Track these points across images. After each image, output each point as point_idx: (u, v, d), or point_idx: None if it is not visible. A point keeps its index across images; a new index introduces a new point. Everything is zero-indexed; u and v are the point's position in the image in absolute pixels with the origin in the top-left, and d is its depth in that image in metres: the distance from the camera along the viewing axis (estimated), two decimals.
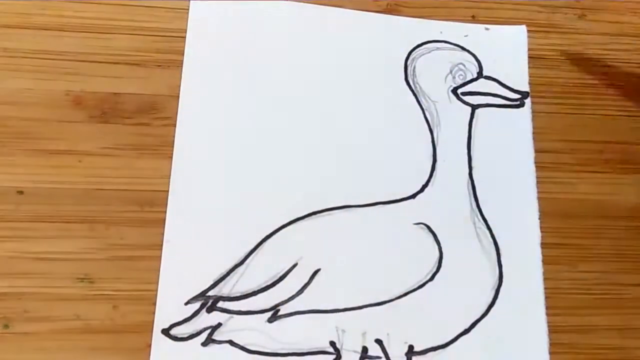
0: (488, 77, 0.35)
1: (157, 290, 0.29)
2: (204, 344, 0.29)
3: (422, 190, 0.32)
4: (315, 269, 0.30)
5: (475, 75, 0.35)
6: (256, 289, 0.30)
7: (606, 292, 0.32)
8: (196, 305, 0.29)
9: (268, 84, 0.33)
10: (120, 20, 0.34)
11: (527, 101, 0.35)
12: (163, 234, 0.30)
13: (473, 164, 0.33)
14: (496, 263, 0.31)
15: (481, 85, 0.35)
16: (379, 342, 0.29)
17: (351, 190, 0.32)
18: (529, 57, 0.35)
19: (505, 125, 0.34)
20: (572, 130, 0.33)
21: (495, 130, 0.34)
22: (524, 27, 0.36)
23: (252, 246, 0.30)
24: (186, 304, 0.29)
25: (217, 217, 0.31)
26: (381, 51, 0.35)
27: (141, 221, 0.30)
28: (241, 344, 0.29)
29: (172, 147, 0.31)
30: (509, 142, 0.34)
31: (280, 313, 0.29)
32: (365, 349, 0.29)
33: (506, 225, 0.32)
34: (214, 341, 0.29)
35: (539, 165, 0.33)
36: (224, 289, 0.30)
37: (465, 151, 0.33)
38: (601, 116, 0.34)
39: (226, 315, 0.29)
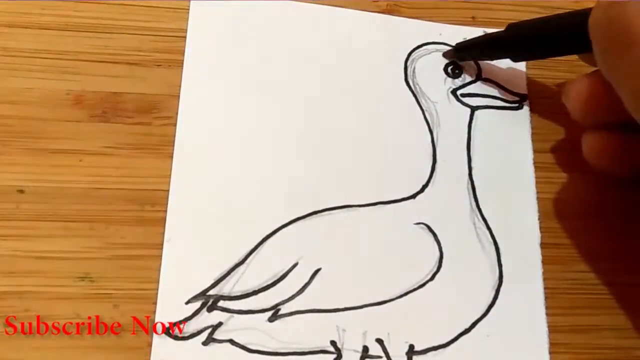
0: (487, 79, 0.35)
1: (157, 289, 0.29)
2: (205, 343, 0.29)
3: (422, 190, 0.32)
4: (316, 268, 0.30)
5: (474, 77, 0.35)
6: (257, 288, 0.30)
7: (606, 292, 0.32)
8: (197, 305, 0.29)
9: (268, 84, 0.33)
10: (121, 20, 0.34)
11: (526, 102, 0.35)
12: (163, 233, 0.30)
13: (473, 165, 0.33)
14: (496, 263, 0.31)
15: (480, 87, 0.35)
16: (379, 341, 0.29)
17: (351, 190, 0.32)
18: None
19: (504, 127, 0.34)
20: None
21: (494, 131, 0.34)
22: None
23: (253, 246, 0.30)
24: (187, 303, 0.29)
25: (217, 216, 0.31)
26: (381, 51, 0.35)
27: (142, 220, 0.30)
28: (242, 343, 0.29)
29: (173, 146, 0.31)
30: (509, 143, 0.34)
31: (280, 312, 0.29)
32: (365, 349, 0.29)
33: (506, 225, 0.32)
34: (215, 340, 0.29)
35: (539, 166, 0.33)
36: (224, 288, 0.30)
37: (465, 152, 0.33)
38: None
39: (227, 315, 0.29)
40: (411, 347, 0.30)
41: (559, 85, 0.35)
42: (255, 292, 0.30)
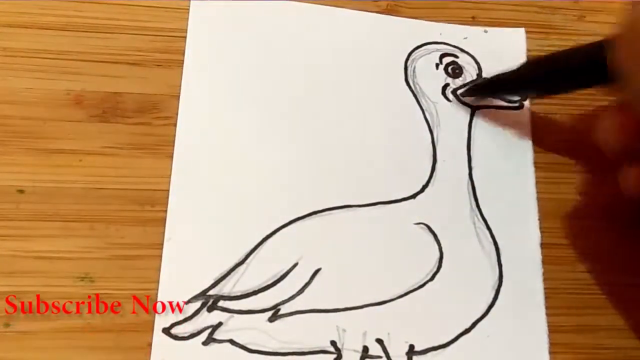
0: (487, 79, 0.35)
1: (157, 289, 0.29)
2: (205, 343, 0.29)
3: (422, 190, 0.32)
4: (316, 268, 0.30)
5: (474, 77, 0.35)
6: (257, 288, 0.30)
7: (606, 292, 0.32)
8: (197, 305, 0.29)
9: (268, 84, 0.33)
10: (121, 20, 0.34)
11: (527, 102, 0.35)
12: (163, 233, 0.30)
13: (473, 164, 0.33)
14: (496, 263, 0.31)
15: None
16: (379, 341, 0.29)
17: (351, 190, 0.32)
18: (528, 58, 0.35)
19: (505, 126, 0.34)
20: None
21: (495, 131, 0.34)
22: (522, 30, 0.36)
23: (253, 245, 0.30)
24: (187, 303, 0.29)
25: (217, 216, 0.31)
26: (381, 52, 0.35)
27: (142, 220, 0.30)
28: (242, 343, 0.29)
29: (173, 146, 0.31)
30: (509, 143, 0.34)
31: (280, 312, 0.29)
32: (365, 349, 0.29)
33: (506, 225, 0.32)
34: (215, 340, 0.29)
35: (539, 166, 0.33)
36: (224, 288, 0.30)
37: (465, 151, 0.33)
38: None
39: (227, 315, 0.29)
40: (411, 347, 0.30)
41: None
42: (255, 292, 0.30)
